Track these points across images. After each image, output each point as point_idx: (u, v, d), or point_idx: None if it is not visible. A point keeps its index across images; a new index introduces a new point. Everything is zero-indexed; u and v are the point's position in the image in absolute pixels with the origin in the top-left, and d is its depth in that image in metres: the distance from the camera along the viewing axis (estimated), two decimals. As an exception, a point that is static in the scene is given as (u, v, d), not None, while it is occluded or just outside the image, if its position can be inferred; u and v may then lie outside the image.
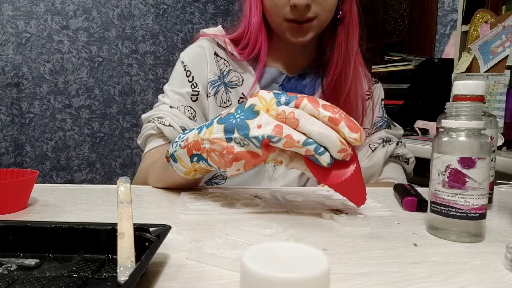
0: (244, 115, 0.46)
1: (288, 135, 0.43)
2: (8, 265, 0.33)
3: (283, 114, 0.44)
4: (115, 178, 2.99)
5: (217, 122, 0.49)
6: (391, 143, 0.81)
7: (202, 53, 0.79)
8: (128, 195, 0.37)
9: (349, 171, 0.45)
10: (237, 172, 0.49)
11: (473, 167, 0.42)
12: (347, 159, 0.45)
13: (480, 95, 0.44)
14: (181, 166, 0.54)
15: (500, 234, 0.47)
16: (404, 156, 0.83)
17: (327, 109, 0.44)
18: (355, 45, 0.76)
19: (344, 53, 0.76)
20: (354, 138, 0.44)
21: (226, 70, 0.79)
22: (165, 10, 3.20)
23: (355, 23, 0.76)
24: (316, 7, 0.69)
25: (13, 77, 2.83)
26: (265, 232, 0.42)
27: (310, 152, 0.44)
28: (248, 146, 0.46)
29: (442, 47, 2.12)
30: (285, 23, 0.71)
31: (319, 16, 0.70)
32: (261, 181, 0.77)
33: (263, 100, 0.46)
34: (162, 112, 0.75)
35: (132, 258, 0.31)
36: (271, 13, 0.72)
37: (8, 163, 2.85)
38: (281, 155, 0.48)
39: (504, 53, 1.49)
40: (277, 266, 0.22)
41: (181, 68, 0.79)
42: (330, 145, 0.43)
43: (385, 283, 0.33)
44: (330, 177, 0.45)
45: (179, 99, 0.77)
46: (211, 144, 0.48)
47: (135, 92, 3.16)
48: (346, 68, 0.76)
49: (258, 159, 0.47)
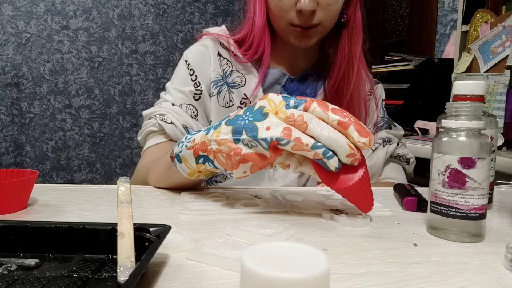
0: (253, 117, 0.46)
1: (296, 138, 0.43)
2: (8, 265, 0.33)
3: (292, 117, 0.44)
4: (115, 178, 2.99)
5: (225, 123, 0.49)
6: (391, 143, 0.82)
7: (206, 52, 0.79)
8: (128, 195, 0.37)
9: (357, 176, 0.44)
10: (243, 175, 0.49)
11: (473, 167, 0.42)
12: (356, 164, 0.45)
13: (480, 95, 0.44)
14: (186, 167, 0.54)
15: (500, 234, 0.47)
16: (405, 156, 0.83)
17: (337, 113, 0.44)
18: (359, 49, 0.76)
19: (348, 57, 0.76)
20: (363, 143, 0.43)
21: (229, 70, 0.79)
22: (165, 10, 3.20)
23: (358, 27, 0.76)
24: (321, 13, 0.69)
25: (13, 77, 2.83)
26: (265, 232, 0.42)
27: (319, 156, 0.43)
28: (256, 148, 0.45)
29: (442, 47, 2.12)
30: (290, 27, 0.71)
31: (323, 22, 0.70)
32: (261, 181, 0.77)
33: (272, 103, 0.46)
34: (164, 109, 0.75)
35: (132, 258, 0.31)
36: (276, 17, 0.72)
37: (8, 163, 2.85)
38: (289, 158, 0.48)
39: (504, 53, 1.49)
40: (277, 266, 0.22)
41: (184, 66, 0.79)
42: (339, 149, 0.43)
43: (385, 283, 0.33)
44: (338, 182, 0.45)
45: (181, 97, 0.76)
46: (218, 145, 0.48)
47: (135, 92, 3.16)
48: (349, 72, 0.76)
49: (265, 161, 0.46)
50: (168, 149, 0.70)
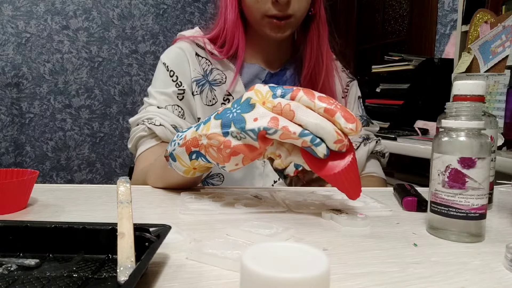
0: (240, 109, 0.47)
1: (284, 126, 0.43)
2: (8, 265, 0.33)
3: (279, 106, 0.45)
4: (115, 178, 2.99)
5: (214, 117, 0.49)
6: (370, 141, 0.86)
7: (182, 54, 0.80)
8: (128, 195, 0.37)
9: (345, 162, 0.44)
10: (236, 167, 0.50)
11: (473, 167, 0.42)
12: (344, 150, 0.45)
13: (480, 95, 0.44)
14: (180, 165, 0.54)
15: (500, 234, 0.47)
16: (381, 152, 0.88)
17: (323, 101, 0.44)
18: (326, 41, 0.82)
19: (316, 47, 0.80)
20: (350, 129, 0.44)
21: (208, 68, 0.80)
22: (165, 10, 3.20)
23: (324, 21, 0.81)
24: (295, 5, 0.72)
25: (13, 77, 2.83)
26: (265, 232, 0.42)
27: (307, 143, 0.44)
28: (245, 139, 0.46)
29: (442, 47, 2.12)
30: (266, 19, 0.73)
31: (296, 13, 0.73)
32: (253, 178, 0.77)
33: (259, 93, 0.47)
34: (151, 113, 0.75)
35: (132, 258, 0.31)
36: (252, 9, 0.74)
37: (8, 163, 2.85)
38: (279, 148, 0.49)
39: (504, 53, 1.49)
40: (277, 266, 0.22)
41: (163, 69, 0.80)
42: (326, 136, 0.44)
43: (385, 283, 0.33)
44: (326, 168, 0.45)
45: (165, 99, 0.77)
46: (208, 140, 0.48)
47: (135, 92, 3.16)
48: (319, 61, 0.81)
49: (255, 152, 0.47)
50: (160, 151, 0.70)
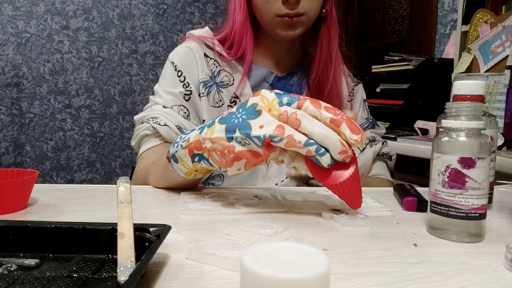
0: (246, 115, 0.47)
1: (289, 135, 0.44)
2: (8, 265, 0.33)
3: (285, 114, 0.45)
4: (115, 178, 2.98)
5: (218, 121, 0.49)
6: (377, 143, 0.86)
7: (191, 53, 0.79)
8: (128, 195, 0.37)
9: (348, 173, 0.45)
10: (238, 172, 0.50)
11: (473, 167, 0.42)
12: (347, 160, 0.46)
13: (480, 95, 0.44)
14: (182, 167, 0.54)
15: (500, 234, 0.47)
16: (388, 154, 0.87)
17: (329, 111, 0.45)
18: (336, 44, 0.80)
19: (326, 50, 0.79)
20: (355, 140, 0.44)
21: (216, 70, 0.80)
22: (165, 10, 3.20)
23: (335, 23, 0.80)
24: (305, 3, 0.71)
25: (13, 77, 2.83)
26: (265, 232, 0.42)
27: (311, 153, 0.44)
28: (249, 146, 0.46)
29: (442, 47, 2.12)
30: (277, 18, 0.73)
31: (308, 12, 0.73)
32: (255, 180, 0.77)
33: (265, 100, 0.47)
34: (156, 112, 0.75)
35: (132, 258, 0.31)
36: (262, 10, 0.73)
37: (8, 163, 2.85)
38: (282, 154, 0.49)
39: (504, 53, 1.49)
40: (277, 266, 0.22)
41: (171, 68, 0.79)
42: (331, 146, 0.44)
43: (385, 283, 0.33)
44: (330, 178, 0.46)
45: (172, 99, 0.77)
46: (212, 144, 0.48)
47: (135, 92, 3.16)
48: (328, 64, 0.80)
49: (259, 158, 0.47)
50: (163, 151, 0.70)
